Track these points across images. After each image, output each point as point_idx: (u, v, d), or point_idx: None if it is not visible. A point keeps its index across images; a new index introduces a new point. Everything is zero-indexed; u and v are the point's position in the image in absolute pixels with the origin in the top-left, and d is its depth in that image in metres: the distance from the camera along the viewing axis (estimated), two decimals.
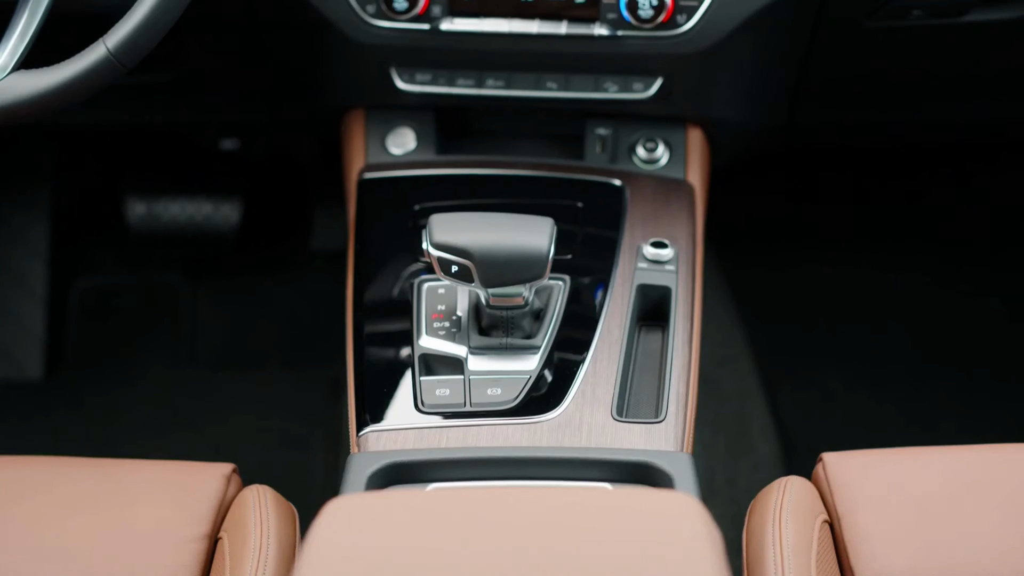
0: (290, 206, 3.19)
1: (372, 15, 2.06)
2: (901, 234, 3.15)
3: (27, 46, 1.78)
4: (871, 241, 3.15)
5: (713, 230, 2.29)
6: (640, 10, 2.02)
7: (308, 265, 3.10)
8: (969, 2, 2.11)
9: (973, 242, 3.12)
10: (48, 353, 2.98)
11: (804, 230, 3.17)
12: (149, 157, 3.10)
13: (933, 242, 3.13)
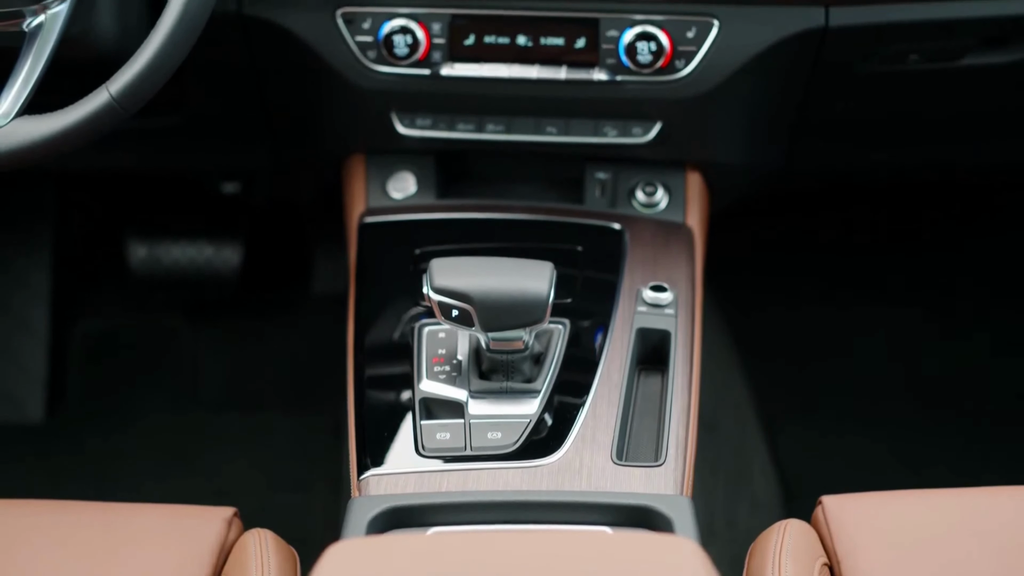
0: (291, 249, 3.20)
1: (373, 60, 2.08)
2: (899, 272, 3.16)
3: (30, 92, 1.80)
4: (869, 280, 3.16)
5: (712, 269, 2.30)
6: (639, 55, 2.04)
7: (309, 308, 3.11)
8: (966, 47, 2.13)
9: (971, 280, 3.13)
10: (49, 395, 2.99)
11: (803, 269, 3.18)
12: (151, 200, 3.12)
13: (931, 280, 3.13)
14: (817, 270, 3.18)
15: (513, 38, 2.06)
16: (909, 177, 2.79)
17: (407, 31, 2.05)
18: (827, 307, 3.12)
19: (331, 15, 2.07)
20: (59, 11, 1.82)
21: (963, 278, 3.14)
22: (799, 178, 2.52)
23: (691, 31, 2.04)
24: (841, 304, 3.12)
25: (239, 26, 2.10)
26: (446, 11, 2.05)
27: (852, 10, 2.04)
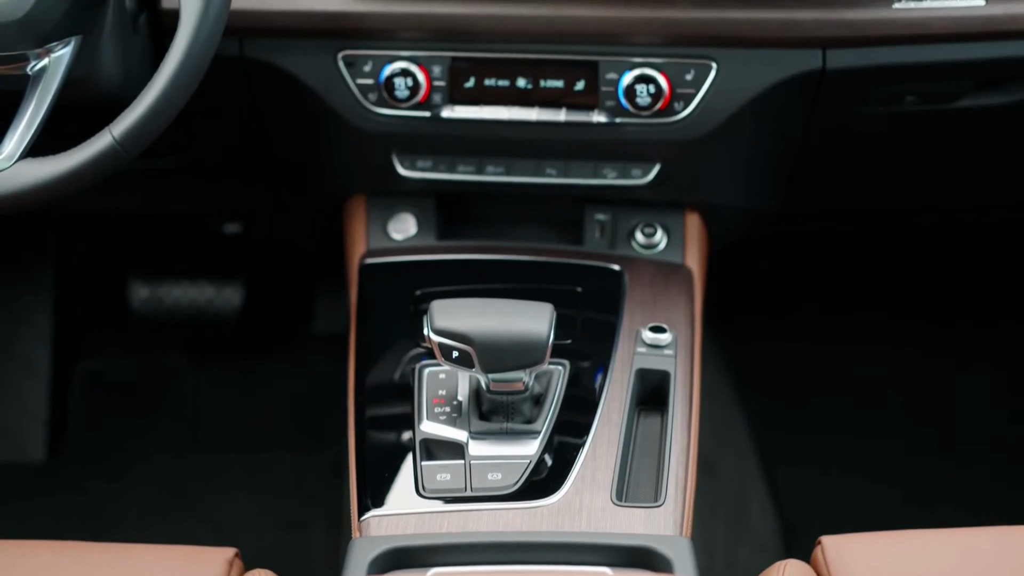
0: (292, 289, 3.21)
1: (374, 103, 2.10)
2: (898, 309, 3.16)
3: (34, 134, 1.80)
4: (869, 316, 3.16)
5: (712, 307, 2.31)
6: (638, 98, 2.05)
7: (310, 347, 3.11)
8: (962, 88, 2.14)
9: (971, 316, 3.14)
10: (50, 435, 2.99)
11: (802, 306, 3.18)
12: (152, 240, 3.13)
13: (931, 317, 3.14)
14: (816, 307, 3.18)
15: (513, 80, 2.08)
16: (907, 218, 2.80)
17: (408, 74, 2.07)
18: (826, 343, 3.12)
19: (332, 58, 2.08)
20: (62, 55, 1.83)
21: (967, 312, 3.14)
22: (798, 219, 2.53)
23: (689, 74, 2.05)
24: (841, 340, 3.12)
25: (241, 68, 2.12)
26: (446, 54, 2.07)
27: (849, 53, 2.05)
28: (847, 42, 2.04)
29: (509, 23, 2.03)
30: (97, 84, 1.94)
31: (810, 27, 2.02)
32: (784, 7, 2.02)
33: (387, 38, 2.06)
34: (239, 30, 2.04)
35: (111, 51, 1.94)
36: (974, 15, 2.03)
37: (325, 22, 2.05)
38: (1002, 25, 2.03)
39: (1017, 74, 2.14)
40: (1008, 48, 2.07)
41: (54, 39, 1.82)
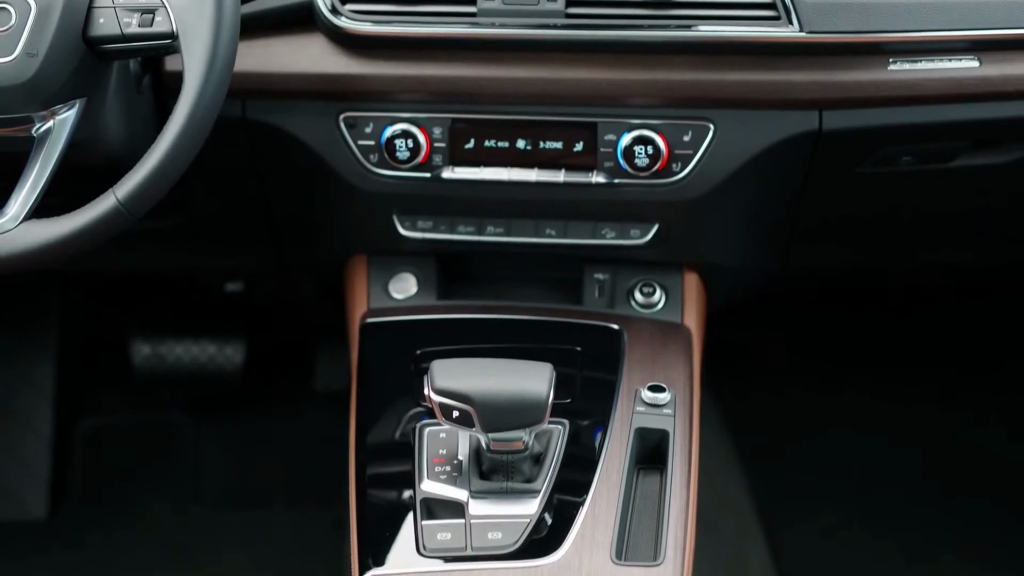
0: (293, 347, 3.22)
1: (375, 164, 2.11)
2: (899, 362, 3.17)
3: (38, 195, 1.82)
4: (868, 370, 3.17)
5: (710, 362, 2.32)
6: (636, 159, 2.07)
7: (311, 405, 3.12)
8: (958, 148, 2.16)
9: (972, 367, 3.14)
10: (52, 493, 3.00)
11: (801, 359, 3.19)
12: (154, 298, 3.14)
13: (931, 372, 3.15)
14: (816, 364, 3.19)
15: (512, 142, 2.10)
16: (908, 278, 2.81)
17: (408, 135, 2.08)
18: (827, 401, 3.13)
19: (334, 119, 2.10)
20: (67, 117, 1.84)
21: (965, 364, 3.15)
22: (796, 278, 2.55)
23: (687, 135, 2.07)
24: (841, 398, 3.13)
25: (243, 129, 2.14)
26: (447, 115, 2.09)
27: (845, 114, 2.07)
28: (843, 103, 2.06)
29: (509, 85, 2.05)
30: (101, 145, 1.96)
31: (806, 89, 2.04)
32: (780, 69, 2.03)
33: (388, 100, 2.08)
34: (242, 92, 2.06)
35: (115, 113, 1.96)
36: (969, 76, 2.04)
37: (326, 84, 2.07)
38: (997, 86, 2.05)
39: (1013, 134, 2.16)
40: (1003, 108, 2.09)
41: (59, 101, 1.83)
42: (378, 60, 2.06)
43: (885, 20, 2.01)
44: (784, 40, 2.01)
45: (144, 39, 1.83)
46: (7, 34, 1.81)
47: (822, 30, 2.01)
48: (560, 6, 2.02)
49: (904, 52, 2.04)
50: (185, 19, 1.79)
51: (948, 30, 2.03)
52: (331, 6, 2.05)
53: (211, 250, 2.50)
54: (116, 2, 1.84)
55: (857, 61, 2.03)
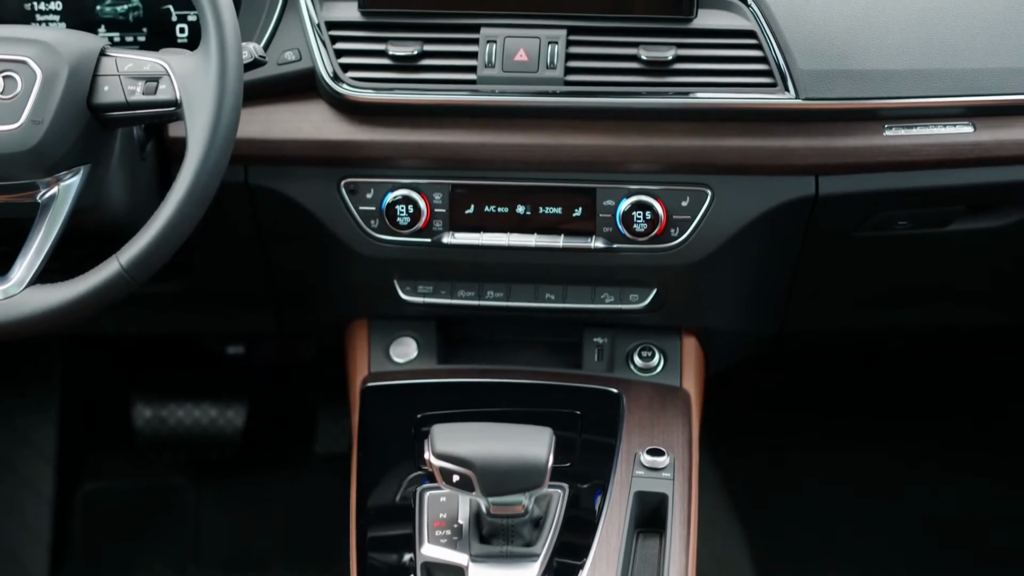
0: (294, 410, 3.22)
1: (376, 229, 2.13)
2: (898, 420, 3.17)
3: (43, 261, 1.83)
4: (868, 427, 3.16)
5: (709, 422, 2.33)
6: (635, 224, 2.08)
7: (312, 468, 3.12)
8: (953, 213, 2.18)
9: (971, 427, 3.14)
10: (53, 554, 2.99)
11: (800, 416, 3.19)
12: (156, 361, 3.15)
13: (931, 429, 3.14)
14: (814, 421, 3.19)
15: (512, 207, 2.11)
16: (904, 339, 2.82)
17: (409, 201, 2.10)
18: (826, 459, 3.13)
19: (335, 185, 2.12)
20: (71, 183, 1.86)
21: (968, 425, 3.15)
22: (794, 341, 2.55)
23: (685, 200, 2.08)
24: (840, 456, 3.13)
25: (245, 195, 2.15)
26: (447, 181, 2.10)
27: (841, 179, 2.08)
28: (840, 168, 2.07)
29: (508, 151, 2.07)
30: (105, 211, 1.98)
31: (803, 154, 2.06)
32: (777, 135, 2.05)
33: (389, 166, 2.10)
34: (244, 158, 2.08)
35: (119, 179, 1.98)
36: (963, 141, 2.06)
37: (328, 150, 2.09)
38: (991, 151, 2.07)
39: (1007, 198, 2.18)
40: (997, 173, 2.10)
41: (63, 168, 1.85)
42: (379, 127, 2.08)
43: (881, 86, 2.04)
44: (781, 107, 2.04)
45: (148, 107, 1.85)
46: (12, 101, 1.83)
47: (818, 96, 2.03)
48: (559, 74, 2.05)
49: (900, 118, 2.06)
50: (189, 87, 1.81)
51: (943, 96, 2.05)
52: (333, 74, 2.07)
53: (212, 315, 2.52)
54: (121, 70, 1.86)
55: (853, 127, 2.05)
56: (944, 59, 2.05)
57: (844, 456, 3.11)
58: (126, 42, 2.19)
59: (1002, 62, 2.06)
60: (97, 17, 2.18)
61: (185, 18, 2.18)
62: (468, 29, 2.08)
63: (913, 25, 2.07)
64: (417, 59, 2.07)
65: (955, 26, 2.07)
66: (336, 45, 2.09)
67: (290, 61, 2.09)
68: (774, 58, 2.04)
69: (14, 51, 1.86)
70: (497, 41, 2.06)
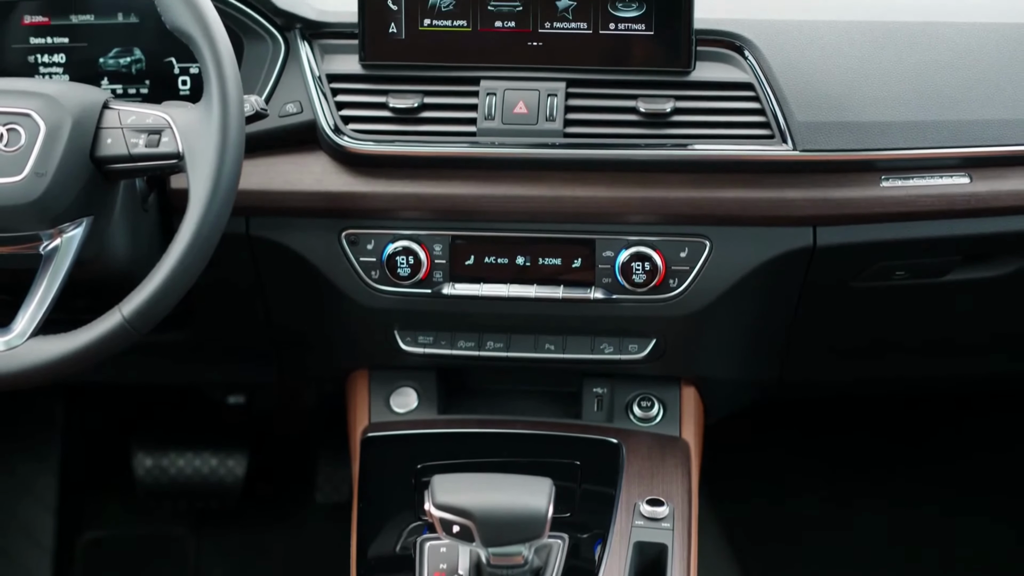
0: (294, 459, 3.22)
1: (376, 280, 2.14)
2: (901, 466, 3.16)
3: (45, 312, 1.84)
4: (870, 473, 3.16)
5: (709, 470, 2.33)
6: (634, 275, 2.09)
7: (312, 518, 3.12)
8: (950, 263, 2.19)
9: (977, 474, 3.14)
10: None
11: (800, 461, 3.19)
12: (157, 410, 3.15)
13: (934, 474, 3.14)
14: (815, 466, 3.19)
15: (512, 258, 2.12)
16: (903, 388, 2.82)
17: (409, 252, 2.11)
18: (827, 506, 3.12)
19: (336, 237, 2.13)
20: (74, 235, 1.87)
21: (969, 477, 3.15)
22: (793, 390, 2.56)
23: (684, 251, 2.09)
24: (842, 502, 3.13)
25: (246, 246, 2.16)
26: (447, 232, 2.12)
27: (839, 230, 2.10)
28: (837, 219, 2.08)
29: (508, 203, 2.09)
30: (107, 262, 1.99)
31: (800, 206, 2.07)
32: (775, 186, 2.06)
33: (389, 217, 2.11)
34: (245, 209, 2.09)
35: (121, 231, 1.99)
36: (959, 192, 2.07)
37: (329, 202, 2.10)
38: (986, 202, 2.08)
39: (1003, 248, 2.19)
40: (993, 224, 2.12)
41: (66, 220, 1.87)
42: (380, 179, 2.09)
43: (877, 138, 2.05)
44: (778, 158, 2.05)
45: (151, 159, 1.86)
46: (16, 154, 1.85)
47: (815, 148, 2.05)
48: (558, 125, 2.06)
49: (896, 169, 2.07)
50: (191, 140, 1.83)
51: (939, 147, 2.06)
52: (334, 126, 2.09)
53: (214, 364, 2.52)
54: (124, 123, 1.87)
55: (850, 178, 2.07)
56: (940, 111, 2.07)
57: (844, 501, 3.11)
58: (129, 94, 2.21)
59: (997, 113, 2.07)
60: (100, 69, 2.20)
61: (187, 70, 2.20)
62: (468, 82, 2.09)
63: (909, 77, 2.09)
64: (417, 111, 2.09)
65: (950, 78, 2.09)
66: (337, 97, 2.11)
67: (291, 113, 2.11)
68: (771, 110, 2.05)
69: (18, 104, 1.87)
70: (497, 93, 2.08)
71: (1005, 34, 2.14)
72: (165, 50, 2.19)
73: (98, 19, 2.20)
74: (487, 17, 2.08)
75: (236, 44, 1.94)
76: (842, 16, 2.16)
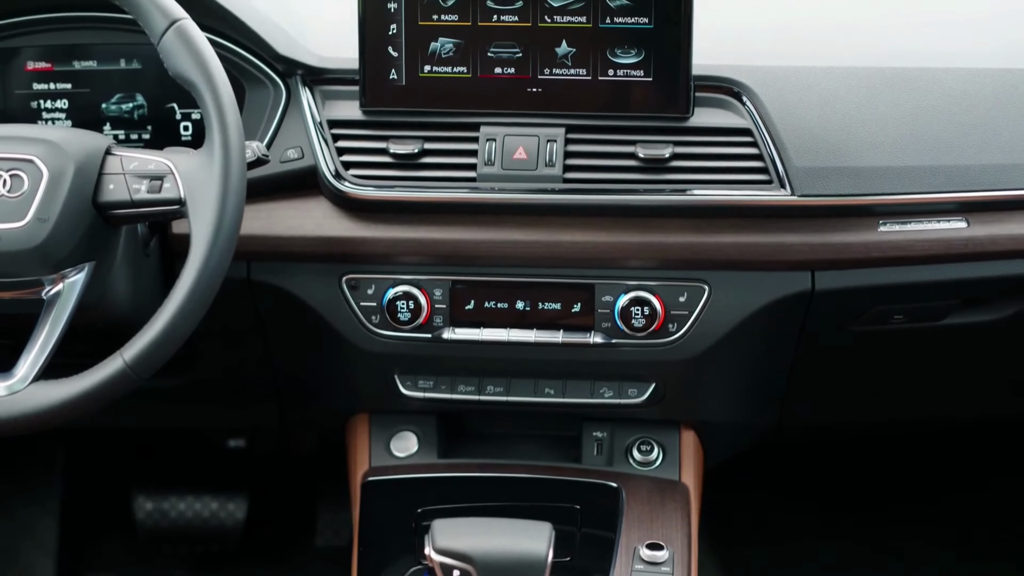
0: (295, 502, 3.22)
1: (377, 325, 2.14)
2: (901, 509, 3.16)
3: (47, 357, 1.85)
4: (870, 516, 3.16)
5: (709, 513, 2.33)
6: (633, 319, 2.10)
7: (312, 561, 3.12)
8: (948, 307, 2.20)
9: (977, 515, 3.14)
10: None
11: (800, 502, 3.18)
12: (157, 454, 3.15)
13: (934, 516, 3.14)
14: (815, 507, 3.19)
15: (512, 303, 2.13)
16: (903, 431, 2.82)
17: (410, 297, 2.12)
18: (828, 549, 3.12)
19: (336, 281, 2.14)
20: (76, 280, 1.88)
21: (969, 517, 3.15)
22: (793, 434, 2.56)
23: (683, 296, 2.10)
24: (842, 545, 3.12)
25: (247, 291, 2.17)
26: (447, 278, 2.12)
27: (837, 274, 2.11)
28: (835, 264, 2.09)
29: (508, 248, 2.09)
30: (109, 307, 1.99)
31: (799, 250, 2.08)
32: (773, 231, 2.07)
33: (390, 262, 2.12)
34: (247, 254, 2.11)
35: (123, 276, 2.00)
36: (956, 237, 2.08)
37: (330, 247, 2.11)
38: (984, 246, 2.09)
39: (1001, 292, 2.20)
40: (991, 268, 2.13)
41: (68, 265, 1.87)
42: (380, 224, 2.10)
43: (875, 183, 2.06)
44: (777, 203, 2.06)
45: (153, 205, 1.87)
46: (19, 200, 1.85)
47: (813, 193, 2.05)
48: (558, 171, 2.07)
49: (894, 214, 2.08)
50: (193, 186, 1.84)
51: (936, 192, 2.07)
52: (335, 171, 2.10)
53: (214, 408, 2.53)
54: (126, 169, 1.88)
55: (848, 223, 2.08)
56: (937, 155, 2.08)
57: (846, 547, 3.11)
58: (131, 139, 2.22)
59: (994, 158, 2.08)
60: (103, 115, 2.22)
61: (189, 116, 2.22)
62: (468, 127, 2.11)
63: (906, 122, 2.10)
64: (418, 157, 2.10)
65: (947, 123, 2.10)
66: (338, 143, 2.12)
67: (293, 159, 2.12)
68: (769, 155, 2.06)
69: (21, 150, 1.88)
70: (497, 139, 2.09)
71: (1000, 79, 2.15)
72: (167, 96, 2.20)
73: (101, 65, 2.21)
74: (487, 64, 2.09)
75: (238, 90, 1.95)
76: (839, 62, 2.17)
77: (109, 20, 2.18)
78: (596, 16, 2.06)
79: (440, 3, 2.08)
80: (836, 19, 2.31)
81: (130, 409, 2.37)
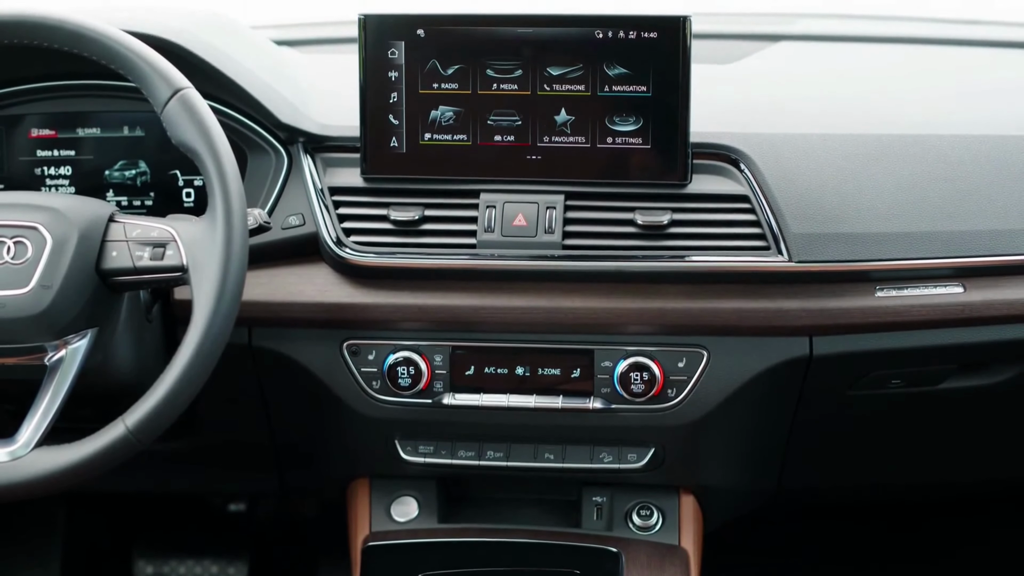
0: (296, 567, 3.21)
1: (377, 391, 2.15)
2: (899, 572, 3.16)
3: (50, 423, 1.86)
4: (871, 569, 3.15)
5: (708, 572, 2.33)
6: (632, 385, 2.11)
7: None
8: (946, 372, 2.21)
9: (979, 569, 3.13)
10: None
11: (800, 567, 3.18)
12: (158, 517, 3.15)
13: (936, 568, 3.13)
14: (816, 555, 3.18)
15: (512, 368, 2.14)
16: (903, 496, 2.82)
17: (410, 362, 2.13)
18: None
19: (337, 347, 2.15)
20: (79, 346, 1.89)
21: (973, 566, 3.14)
22: (792, 498, 2.56)
23: (682, 361, 2.11)
24: None
25: (249, 356, 2.18)
26: (447, 343, 2.13)
27: (835, 339, 2.11)
28: (832, 329, 2.10)
29: (508, 314, 2.10)
30: (111, 373, 2.00)
31: (797, 316, 2.08)
32: (771, 297, 2.08)
33: (390, 328, 2.13)
34: (248, 320, 2.12)
35: (125, 342, 2.01)
36: (953, 302, 2.09)
37: (331, 313, 2.12)
38: (980, 311, 2.10)
39: (998, 357, 2.21)
40: (987, 333, 2.13)
41: (71, 332, 1.89)
42: (381, 290, 2.11)
43: (872, 249, 2.07)
44: (774, 269, 2.07)
45: (156, 272, 1.89)
46: (23, 267, 1.87)
47: (811, 259, 2.07)
48: (557, 238, 2.09)
49: (891, 279, 2.09)
50: (195, 253, 1.85)
51: (933, 258, 2.08)
52: (336, 238, 2.11)
53: (215, 473, 2.52)
54: (129, 236, 1.90)
55: (845, 288, 2.09)
56: (933, 222, 2.09)
57: None
58: (134, 206, 2.24)
59: (989, 224, 2.10)
60: (106, 181, 2.24)
61: (192, 183, 2.23)
62: (468, 195, 2.12)
63: (902, 188, 2.12)
64: (418, 224, 2.11)
65: (943, 189, 2.12)
66: (339, 210, 2.13)
67: (294, 226, 2.13)
68: (767, 221, 2.08)
69: (25, 217, 1.90)
70: (496, 206, 2.11)
71: (995, 145, 2.17)
72: (170, 163, 2.22)
73: (104, 132, 2.23)
74: (487, 131, 2.11)
75: (240, 157, 1.97)
76: (836, 129, 2.19)
77: (112, 88, 2.20)
78: (595, 85, 2.08)
79: (440, 72, 2.10)
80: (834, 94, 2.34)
81: (130, 473, 2.36)
